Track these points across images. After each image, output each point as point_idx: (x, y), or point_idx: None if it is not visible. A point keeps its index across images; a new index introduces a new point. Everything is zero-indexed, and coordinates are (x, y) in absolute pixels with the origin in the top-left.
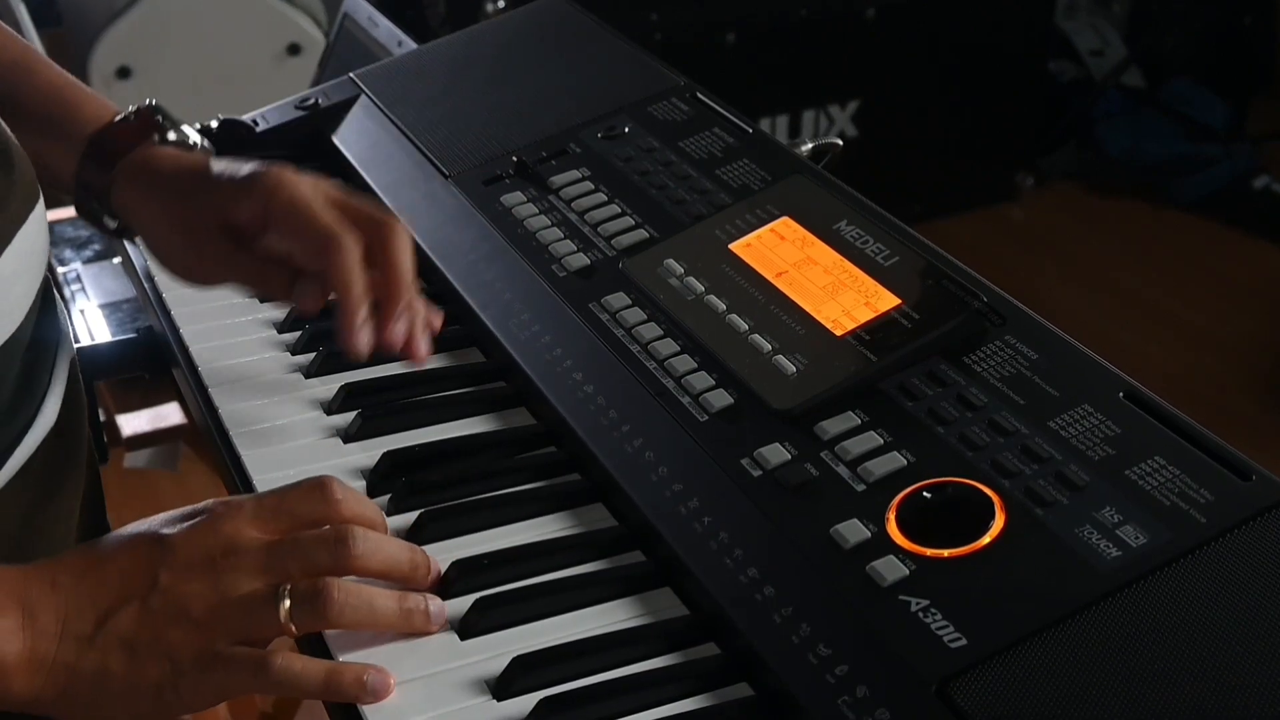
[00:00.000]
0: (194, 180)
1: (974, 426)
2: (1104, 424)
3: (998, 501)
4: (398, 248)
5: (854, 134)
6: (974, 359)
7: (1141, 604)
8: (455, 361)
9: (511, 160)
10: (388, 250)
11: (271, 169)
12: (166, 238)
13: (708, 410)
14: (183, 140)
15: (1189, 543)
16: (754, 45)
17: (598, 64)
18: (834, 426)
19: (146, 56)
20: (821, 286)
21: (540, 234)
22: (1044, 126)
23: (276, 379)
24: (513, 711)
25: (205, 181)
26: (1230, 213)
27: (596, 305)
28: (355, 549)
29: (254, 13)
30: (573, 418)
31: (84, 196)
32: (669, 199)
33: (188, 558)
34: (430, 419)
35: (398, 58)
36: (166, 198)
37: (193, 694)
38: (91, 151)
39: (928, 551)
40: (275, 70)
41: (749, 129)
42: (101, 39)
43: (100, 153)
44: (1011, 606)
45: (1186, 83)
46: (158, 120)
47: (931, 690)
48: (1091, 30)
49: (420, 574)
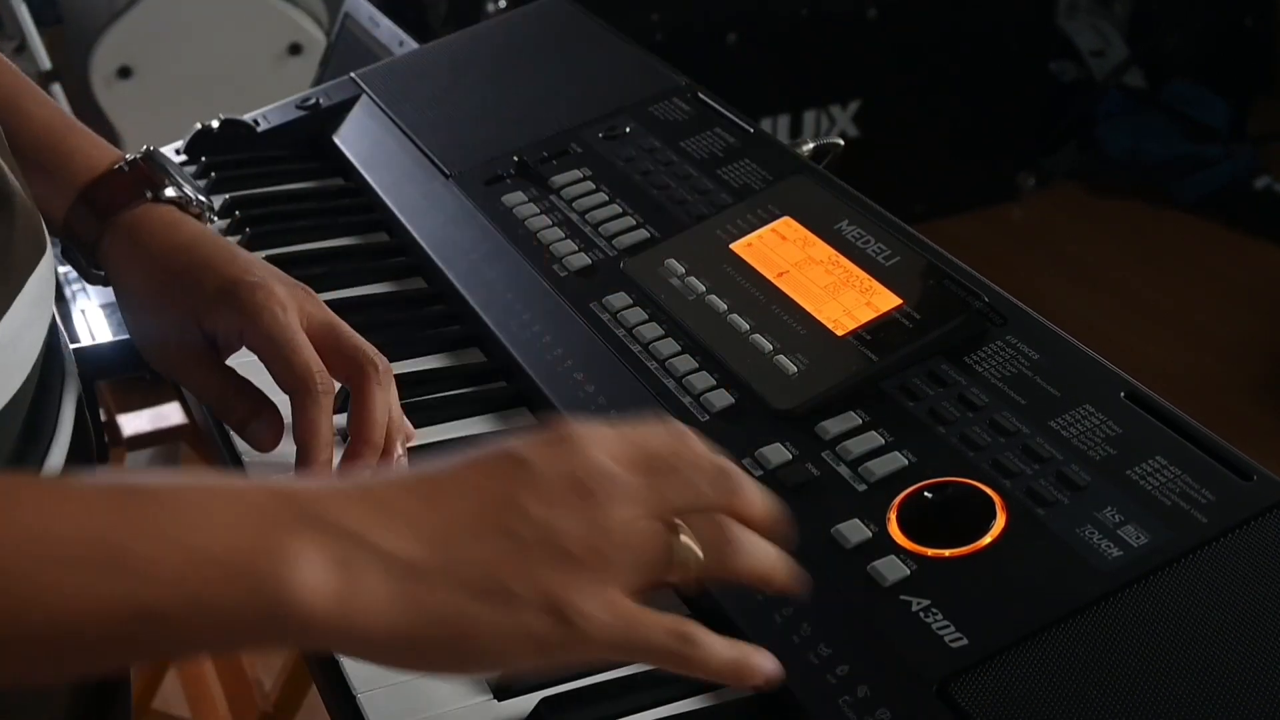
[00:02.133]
0: (182, 263)
1: (975, 426)
2: (1105, 424)
3: (999, 501)
4: (372, 399)
5: (855, 134)
6: (975, 359)
7: (1142, 604)
8: (456, 361)
9: (512, 160)
10: (362, 400)
11: (259, 282)
12: (141, 315)
13: (709, 410)
14: (181, 199)
15: (1190, 543)
16: (755, 45)
17: (599, 64)
18: (835, 426)
19: (147, 56)
20: (822, 286)
21: (541, 234)
22: (1045, 127)
23: None
24: (512, 712)
25: (191, 270)
26: (1231, 213)
27: (597, 305)
28: (738, 484)
29: (255, 12)
30: (574, 418)
31: (71, 245)
32: (670, 199)
33: (553, 480)
34: (431, 419)
35: (399, 57)
36: (150, 274)
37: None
38: (82, 202)
39: (929, 551)
40: (276, 70)
41: (750, 129)
42: (102, 39)
43: (92, 205)
44: (1012, 606)
45: (1187, 83)
46: (155, 174)
47: (932, 690)
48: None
49: (780, 529)
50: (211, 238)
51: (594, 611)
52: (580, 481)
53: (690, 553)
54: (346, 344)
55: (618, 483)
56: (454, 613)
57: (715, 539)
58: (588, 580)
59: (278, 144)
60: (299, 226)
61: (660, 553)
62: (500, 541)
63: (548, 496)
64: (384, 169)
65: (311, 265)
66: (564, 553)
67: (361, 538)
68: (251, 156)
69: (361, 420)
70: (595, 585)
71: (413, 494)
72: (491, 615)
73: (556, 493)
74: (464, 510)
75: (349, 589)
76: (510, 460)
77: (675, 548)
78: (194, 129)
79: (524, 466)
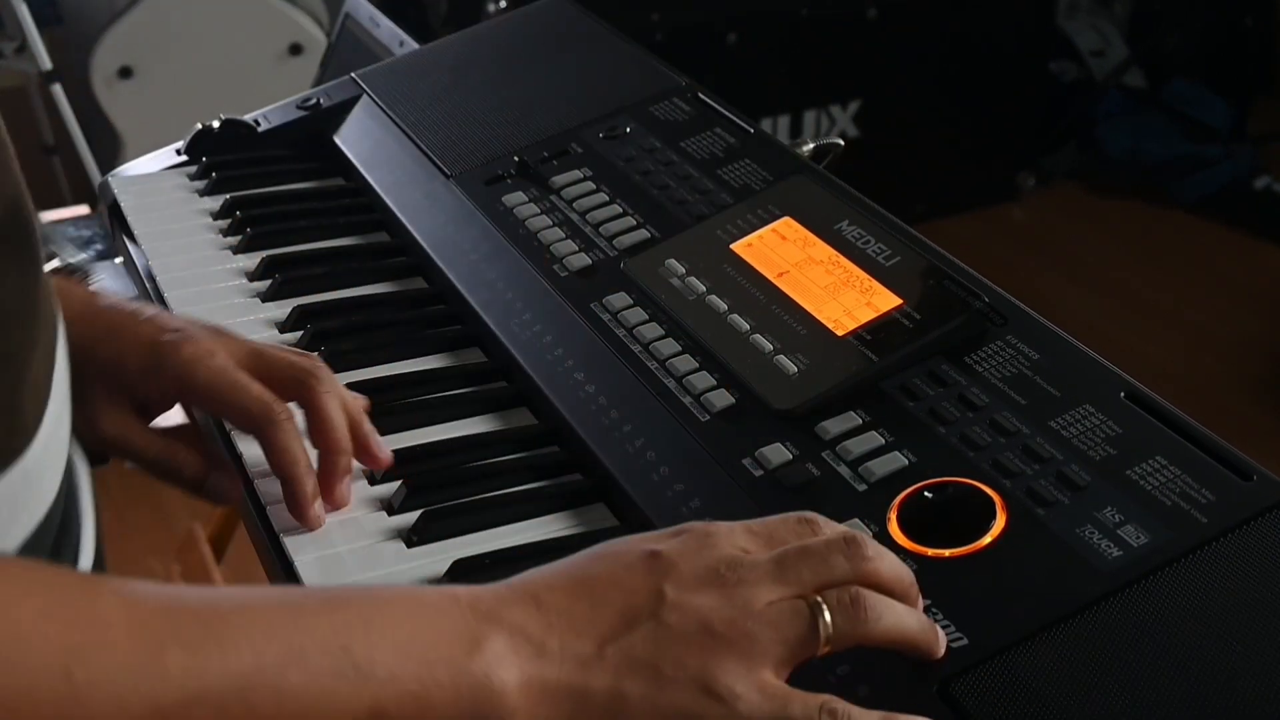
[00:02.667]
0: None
1: (975, 426)
2: (1105, 424)
3: (999, 501)
4: (325, 406)
5: (855, 134)
6: (975, 359)
7: (1143, 604)
8: (456, 361)
9: (513, 160)
10: (316, 410)
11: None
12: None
13: (709, 410)
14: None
15: (1190, 543)
16: (755, 45)
17: (599, 64)
18: (835, 426)
19: (147, 56)
20: (823, 286)
21: (542, 234)
22: (1045, 127)
23: None
24: None
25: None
26: (1231, 213)
27: (598, 305)
28: (869, 552)
29: (255, 13)
30: (574, 418)
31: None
32: (670, 199)
33: (692, 571)
34: (431, 419)
35: (399, 58)
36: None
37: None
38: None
39: (929, 551)
40: (277, 70)
41: (750, 129)
42: (102, 39)
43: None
44: (1013, 606)
45: (1187, 83)
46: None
47: (933, 690)
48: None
49: (914, 593)
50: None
51: (744, 691)
52: (718, 569)
53: (828, 628)
54: (278, 364)
55: (755, 567)
56: (614, 695)
57: (853, 609)
58: (736, 660)
59: (278, 144)
60: (299, 226)
61: (804, 629)
62: (652, 629)
63: (693, 584)
64: (384, 169)
65: (311, 265)
66: (712, 633)
67: (535, 638)
68: (252, 156)
69: (324, 430)
70: (744, 665)
71: (569, 595)
72: (645, 693)
73: (700, 581)
74: (618, 605)
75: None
76: (652, 556)
77: (820, 624)
78: (194, 129)
79: (665, 560)
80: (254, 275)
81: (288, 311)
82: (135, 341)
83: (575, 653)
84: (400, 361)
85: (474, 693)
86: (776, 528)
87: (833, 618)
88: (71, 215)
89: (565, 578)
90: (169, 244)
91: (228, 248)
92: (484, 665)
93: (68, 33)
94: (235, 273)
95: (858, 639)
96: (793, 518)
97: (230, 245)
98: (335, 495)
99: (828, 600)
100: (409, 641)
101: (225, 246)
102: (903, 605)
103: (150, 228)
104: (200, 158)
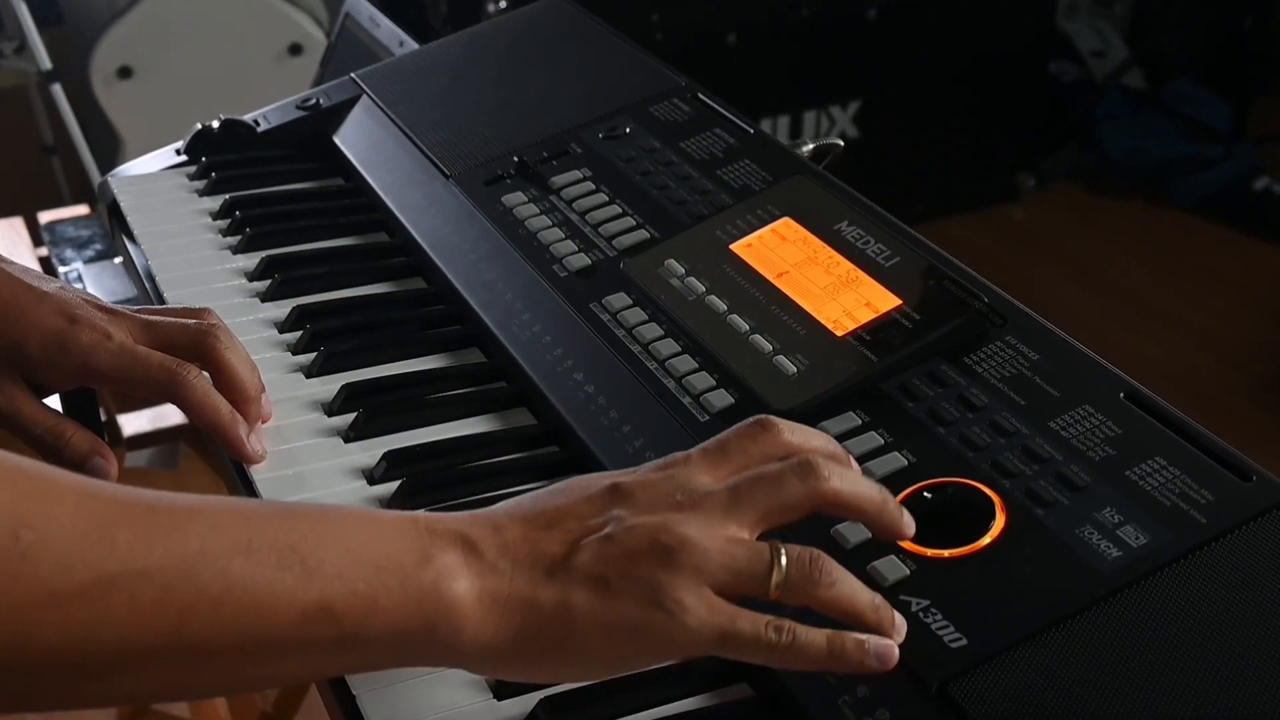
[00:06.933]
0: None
1: (975, 427)
2: (1104, 424)
3: (998, 502)
4: (226, 358)
5: (855, 134)
6: (975, 359)
7: (1142, 604)
8: (456, 361)
9: (513, 160)
10: (219, 363)
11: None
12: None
13: (709, 410)
14: None
15: (1189, 543)
16: (755, 46)
17: (599, 64)
18: (835, 427)
19: (147, 56)
20: (822, 287)
21: (541, 234)
22: (1045, 127)
23: (277, 379)
24: (511, 712)
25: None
26: (1231, 214)
27: (597, 305)
28: (824, 472)
29: (255, 13)
30: (573, 418)
31: None
32: (670, 199)
33: (648, 499)
34: (431, 419)
35: (399, 58)
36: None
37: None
38: None
39: (928, 551)
40: (276, 70)
41: (750, 129)
42: (102, 39)
43: None
44: (1012, 607)
45: (1188, 83)
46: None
47: (932, 690)
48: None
49: (891, 512)
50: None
51: (692, 603)
52: (674, 495)
53: (781, 574)
54: (173, 330)
55: (711, 494)
56: (562, 606)
57: (810, 567)
58: (686, 576)
59: (278, 144)
60: (299, 226)
61: (758, 567)
62: (603, 544)
63: (646, 508)
64: (384, 169)
65: (311, 265)
66: (662, 549)
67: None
68: (252, 156)
69: (230, 380)
70: (693, 580)
71: (527, 523)
72: (594, 604)
73: (655, 504)
74: (575, 531)
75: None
76: (613, 488)
77: (775, 567)
78: (194, 129)
79: (624, 489)
80: (253, 275)
81: (287, 311)
82: (36, 329)
83: (526, 570)
84: (400, 361)
85: (423, 600)
86: (729, 442)
87: (789, 566)
88: (71, 215)
89: (528, 508)
90: (168, 244)
91: (227, 248)
92: (433, 575)
93: (68, 33)
94: (235, 273)
95: (809, 597)
96: (746, 425)
97: (230, 245)
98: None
99: (789, 551)
100: (360, 548)
101: (225, 246)
102: (857, 584)
103: (150, 228)
104: (200, 158)
